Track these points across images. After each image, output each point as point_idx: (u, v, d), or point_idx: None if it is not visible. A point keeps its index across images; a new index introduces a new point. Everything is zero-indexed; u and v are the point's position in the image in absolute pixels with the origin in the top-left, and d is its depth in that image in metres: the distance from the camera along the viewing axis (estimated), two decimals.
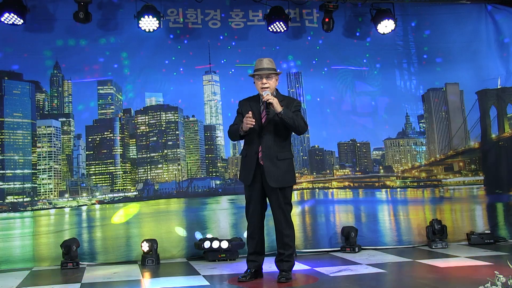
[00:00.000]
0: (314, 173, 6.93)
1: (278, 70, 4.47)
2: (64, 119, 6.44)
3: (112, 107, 6.58)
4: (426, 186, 7.03)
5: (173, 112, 6.74)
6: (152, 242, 5.63)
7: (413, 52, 6.89)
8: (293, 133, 4.49)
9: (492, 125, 6.95)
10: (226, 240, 5.75)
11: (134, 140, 6.67)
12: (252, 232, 4.42)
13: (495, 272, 3.33)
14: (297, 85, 6.88)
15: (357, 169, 7.01)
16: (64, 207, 6.23)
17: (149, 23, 5.89)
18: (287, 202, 4.34)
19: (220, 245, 5.68)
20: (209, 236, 5.96)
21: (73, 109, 6.45)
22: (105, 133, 6.51)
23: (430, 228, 6.18)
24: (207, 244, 5.72)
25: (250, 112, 4.23)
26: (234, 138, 4.51)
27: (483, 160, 6.98)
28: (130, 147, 6.64)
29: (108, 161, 6.48)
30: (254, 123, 4.20)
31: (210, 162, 6.81)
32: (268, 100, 4.20)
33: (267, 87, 4.32)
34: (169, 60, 6.42)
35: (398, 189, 6.98)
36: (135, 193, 6.43)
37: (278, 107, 4.19)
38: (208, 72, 6.72)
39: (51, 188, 6.24)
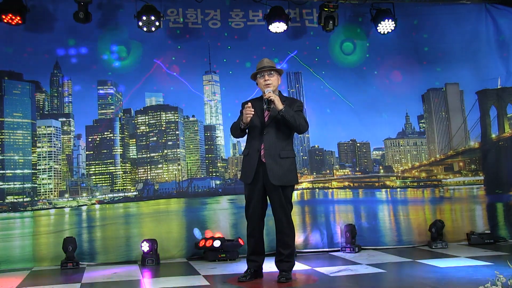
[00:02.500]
0: (314, 173, 6.93)
1: (279, 68, 4.49)
2: (64, 119, 6.44)
3: (112, 107, 6.58)
4: (426, 186, 7.03)
5: (173, 112, 6.74)
6: (152, 242, 5.64)
7: (413, 52, 6.88)
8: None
9: (492, 125, 6.95)
10: (219, 239, 5.76)
11: (134, 140, 6.67)
12: (252, 231, 4.41)
13: (495, 272, 3.33)
14: (297, 85, 6.88)
15: (357, 169, 7.01)
16: (64, 207, 6.23)
17: (149, 23, 5.89)
18: (288, 201, 4.33)
19: (213, 244, 5.70)
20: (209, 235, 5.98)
21: (73, 109, 6.45)
22: (105, 133, 6.51)
23: (430, 228, 6.18)
24: (202, 242, 5.79)
25: (249, 103, 4.25)
26: (235, 132, 4.48)
27: (483, 160, 6.98)
28: (130, 147, 6.64)
29: (108, 161, 6.48)
30: (253, 113, 4.22)
31: (210, 162, 6.81)
32: (269, 97, 4.22)
33: (270, 83, 4.35)
34: (169, 60, 6.41)
35: (398, 189, 6.98)
36: (135, 193, 6.44)
37: (280, 105, 4.21)
38: (208, 72, 6.73)
39: (51, 188, 6.24)
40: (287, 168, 4.30)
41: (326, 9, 6.28)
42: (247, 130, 4.43)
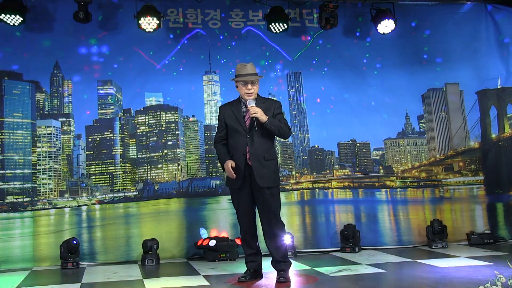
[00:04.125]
0: (314, 173, 6.93)
1: (259, 75, 4.45)
2: (64, 119, 6.44)
3: (112, 107, 6.58)
4: (426, 186, 7.02)
5: (173, 112, 6.74)
6: (152, 242, 5.64)
7: (413, 52, 6.88)
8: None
9: (492, 125, 6.95)
10: (215, 238, 5.78)
11: (134, 140, 6.67)
12: (246, 233, 4.43)
13: (495, 272, 3.33)
14: (297, 85, 6.89)
15: (357, 169, 7.01)
16: (64, 207, 6.23)
17: (149, 23, 5.89)
18: (277, 203, 4.33)
19: (208, 244, 5.73)
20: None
21: (73, 109, 6.45)
22: (105, 133, 6.51)
23: (430, 228, 6.18)
24: (199, 242, 5.84)
25: (233, 164, 4.24)
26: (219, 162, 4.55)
27: (483, 160, 6.98)
28: (130, 147, 6.64)
29: (108, 161, 6.48)
30: (234, 178, 4.25)
31: (210, 162, 6.81)
32: (253, 115, 4.21)
33: (252, 93, 4.34)
34: (169, 60, 6.41)
35: (398, 189, 6.97)
36: (135, 193, 6.44)
37: (264, 117, 4.21)
38: (208, 72, 6.73)
39: (51, 188, 6.24)
40: (272, 169, 4.33)
41: (326, 9, 6.28)
42: (228, 133, 4.44)
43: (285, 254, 4.36)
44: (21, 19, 5.60)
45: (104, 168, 6.46)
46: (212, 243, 5.71)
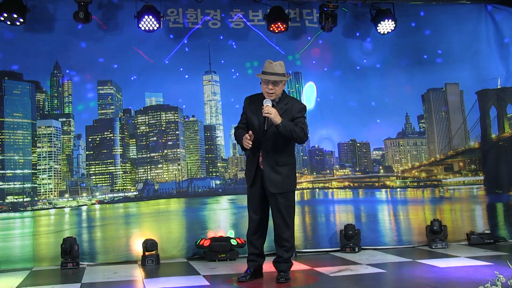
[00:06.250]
0: (314, 173, 6.93)
1: (287, 74, 4.37)
2: (64, 119, 6.44)
3: (112, 107, 6.58)
4: (426, 186, 7.03)
5: (173, 112, 6.74)
6: (152, 242, 5.64)
7: (413, 52, 6.87)
8: None
9: (492, 125, 6.95)
10: (210, 239, 5.79)
11: (134, 140, 6.67)
12: (252, 232, 4.42)
13: (495, 272, 3.33)
14: (297, 85, 6.88)
15: (357, 169, 7.01)
16: (64, 207, 6.23)
17: (149, 23, 5.89)
18: (289, 205, 4.30)
19: (203, 243, 5.76)
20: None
21: (73, 109, 6.45)
22: (105, 133, 6.52)
23: (430, 228, 6.18)
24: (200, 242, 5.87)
25: (250, 133, 4.15)
26: (238, 143, 4.46)
27: (483, 160, 6.98)
28: (130, 147, 6.64)
29: (108, 161, 6.48)
30: (250, 146, 4.15)
31: (210, 162, 6.81)
32: (266, 114, 4.11)
33: (273, 93, 4.24)
34: (169, 60, 6.41)
35: (398, 189, 6.97)
36: (135, 193, 6.44)
37: (277, 119, 4.09)
38: (208, 72, 6.73)
39: (51, 188, 6.24)
40: (285, 175, 4.26)
41: (326, 9, 6.27)
42: (248, 128, 4.38)
43: (289, 256, 4.36)
44: (21, 19, 5.60)
45: (104, 168, 6.46)
46: (207, 243, 5.72)
